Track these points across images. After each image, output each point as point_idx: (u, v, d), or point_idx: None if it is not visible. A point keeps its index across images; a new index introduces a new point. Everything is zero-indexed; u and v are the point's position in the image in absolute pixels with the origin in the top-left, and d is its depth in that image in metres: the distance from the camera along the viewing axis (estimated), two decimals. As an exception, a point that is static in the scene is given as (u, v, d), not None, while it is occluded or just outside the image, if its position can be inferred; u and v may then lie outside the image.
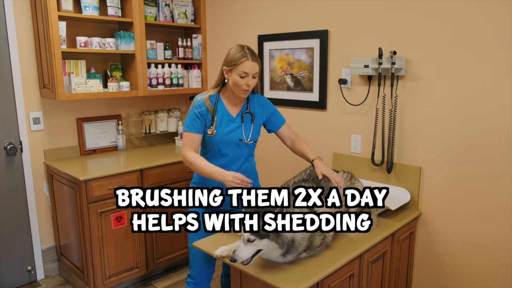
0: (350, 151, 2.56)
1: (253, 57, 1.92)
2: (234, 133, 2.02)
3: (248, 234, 1.50)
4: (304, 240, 1.60)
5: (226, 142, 2.01)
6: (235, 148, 2.03)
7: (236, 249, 1.52)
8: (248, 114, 2.06)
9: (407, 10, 2.18)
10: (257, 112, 2.09)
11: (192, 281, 2.10)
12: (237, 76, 1.92)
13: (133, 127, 3.32)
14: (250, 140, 2.05)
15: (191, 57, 3.43)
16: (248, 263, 1.53)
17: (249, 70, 1.90)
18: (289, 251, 1.57)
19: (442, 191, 2.18)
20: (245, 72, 1.90)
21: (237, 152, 2.04)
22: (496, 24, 1.90)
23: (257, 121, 2.09)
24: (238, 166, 2.06)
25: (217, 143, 2.01)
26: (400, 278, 2.23)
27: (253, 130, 2.07)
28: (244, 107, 2.07)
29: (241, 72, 1.90)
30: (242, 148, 2.05)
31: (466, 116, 2.05)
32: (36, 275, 2.98)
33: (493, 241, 2.02)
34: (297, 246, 1.58)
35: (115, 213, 2.67)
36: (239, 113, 2.05)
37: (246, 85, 1.92)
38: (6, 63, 2.69)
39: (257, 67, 1.93)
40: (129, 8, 2.98)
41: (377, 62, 2.24)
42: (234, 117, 2.04)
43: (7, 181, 2.77)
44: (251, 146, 2.09)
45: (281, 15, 2.83)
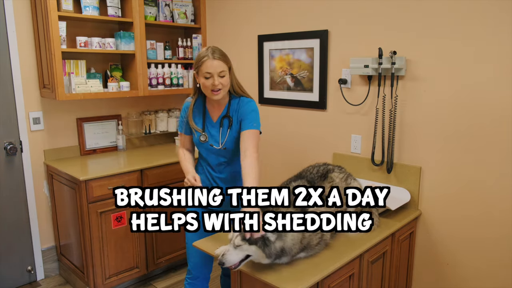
0: (350, 151, 2.56)
1: (214, 55, 1.84)
2: (210, 138, 2.00)
3: (238, 239, 1.51)
4: (296, 245, 1.58)
5: (202, 146, 2.02)
6: (209, 153, 2.02)
7: (225, 252, 1.53)
8: (226, 118, 1.99)
9: (407, 10, 2.18)
10: (235, 116, 2.00)
11: (189, 276, 2.11)
12: (203, 77, 1.87)
13: (133, 127, 3.32)
14: (223, 147, 1.98)
15: (191, 57, 3.43)
16: (236, 267, 1.53)
17: (211, 70, 1.84)
18: (281, 258, 1.56)
19: (442, 191, 2.18)
20: (208, 72, 1.84)
21: (213, 156, 2.03)
22: (496, 24, 1.90)
23: (235, 127, 1.99)
24: (221, 169, 2.05)
25: (197, 146, 2.06)
26: (400, 278, 2.23)
27: (228, 135, 1.99)
28: (224, 111, 2.01)
29: (204, 73, 1.85)
30: (218, 152, 2.01)
31: (466, 116, 2.05)
32: (36, 275, 2.98)
33: (493, 241, 2.02)
34: (288, 252, 1.57)
35: (115, 213, 2.67)
36: (219, 117, 2.01)
37: (212, 85, 1.85)
38: (6, 63, 2.69)
39: (221, 65, 1.85)
40: (129, 8, 2.98)
41: (377, 62, 2.24)
42: (214, 122, 2.01)
43: (7, 181, 2.77)
44: (227, 152, 2.00)
45: (281, 15, 2.83)
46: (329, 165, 1.99)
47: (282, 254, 1.55)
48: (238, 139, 1.96)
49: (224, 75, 1.88)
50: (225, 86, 1.90)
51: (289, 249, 1.56)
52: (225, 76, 1.88)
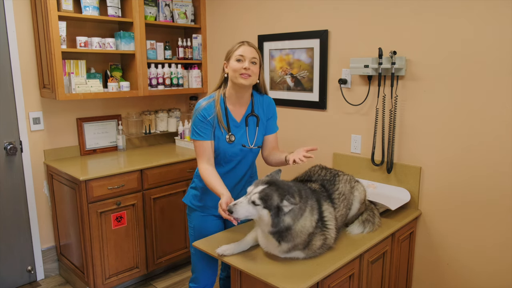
0: (350, 151, 2.56)
1: (249, 43, 1.88)
2: (239, 139, 1.93)
3: (256, 196, 1.53)
4: (303, 233, 1.59)
5: (230, 149, 1.92)
6: (238, 155, 1.95)
7: (237, 203, 1.55)
8: (253, 116, 1.98)
9: (407, 10, 2.18)
10: (261, 114, 2.00)
11: (195, 286, 2.09)
12: (234, 61, 1.85)
13: (133, 127, 3.32)
14: (255, 146, 1.98)
15: (191, 57, 3.43)
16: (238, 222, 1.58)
17: (245, 53, 1.84)
18: (283, 238, 1.57)
19: (442, 191, 2.18)
20: (241, 55, 1.84)
21: (240, 159, 1.97)
22: (496, 24, 1.90)
23: (262, 124, 2.00)
24: (243, 173, 2.01)
25: (223, 151, 1.93)
26: (400, 278, 2.23)
27: (258, 134, 1.98)
28: (248, 109, 1.98)
29: (237, 55, 1.84)
30: (246, 154, 1.97)
31: (466, 116, 2.05)
32: (36, 275, 2.98)
33: (493, 241, 2.02)
34: (293, 236, 1.57)
35: (115, 213, 2.67)
36: (243, 117, 1.96)
37: (243, 68, 1.82)
38: (6, 63, 2.69)
39: (254, 52, 1.86)
40: (129, 8, 2.98)
41: (377, 62, 2.24)
42: (238, 122, 1.95)
43: (7, 181, 2.77)
44: (256, 152, 2.01)
45: (281, 15, 2.83)
46: (332, 169, 2.01)
47: (286, 234, 1.56)
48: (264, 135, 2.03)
49: (256, 63, 1.88)
50: (254, 74, 1.88)
51: (294, 233, 1.57)
52: (256, 64, 1.88)
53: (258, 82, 1.96)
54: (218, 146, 1.92)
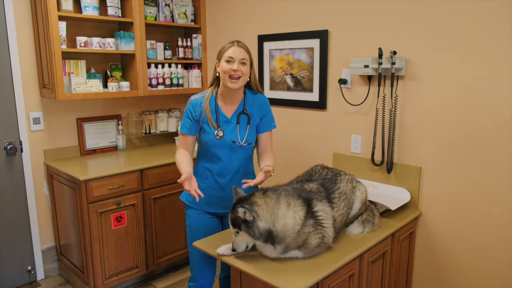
0: (350, 151, 2.56)
1: (239, 44, 1.91)
2: (228, 135, 1.97)
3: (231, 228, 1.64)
4: (288, 232, 1.57)
5: (219, 144, 1.96)
6: (229, 151, 1.98)
7: (233, 241, 1.67)
8: (244, 115, 2.01)
9: (407, 10, 2.18)
10: (254, 112, 2.03)
11: (194, 284, 2.09)
12: (224, 62, 1.90)
13: (133, 127, 3.32)
14: (245, 142, 1.99)
15: (191, 57, 3.43)
16: (245, 251, 1.68)
17: (234, 55, 1.88)
18: (274, 241, 1.57)
19: (442, 191, 2.18)
20: (230, 56, 1.88)
21: (231, 155, 1.99)
22: (496, 23, 1.90)
23: (254, 122, 2.03)
24: (235, 170, 2.02)
25: (211, 145, 1.97)
26: (400, 278, 2.23)
27: (249, 131, 2.01)
28: (240, 107, 2.01)
29: (227, 57, 1.89)
30: (237, 150, 1.99)
31: (466, 116, 2.05)
32: (36, 275, 2.98)
33: (493, 241, 2.03)
34: (280, 236, 1.57)
35: (115, 213, 2.67)
36: (234, 113, 2.00)
37: (232, 70, 1.87)
38: (6, 63, 2.69)
39: (243, 53, 1.90)
40: (129, 8, 2.98)
41: (377, 62, 2.24)
42: (229, 118, 1.99)
43: (7, 181, 2.77)
44: (246, 149, 2.02)
45: (281, 15, 2.83)
46: (334, 169, 2.01)
47: (272, 238, 1.56)
48: (256, 134, 2.07)
49: (245, 63, 1.91)
50: (244, 74, 1.92)
51: (281, 233, 1.56)
52: (246, 65, 1.92)
53: (249, 81, 2.00)
54: (206, 141, 1.97)
